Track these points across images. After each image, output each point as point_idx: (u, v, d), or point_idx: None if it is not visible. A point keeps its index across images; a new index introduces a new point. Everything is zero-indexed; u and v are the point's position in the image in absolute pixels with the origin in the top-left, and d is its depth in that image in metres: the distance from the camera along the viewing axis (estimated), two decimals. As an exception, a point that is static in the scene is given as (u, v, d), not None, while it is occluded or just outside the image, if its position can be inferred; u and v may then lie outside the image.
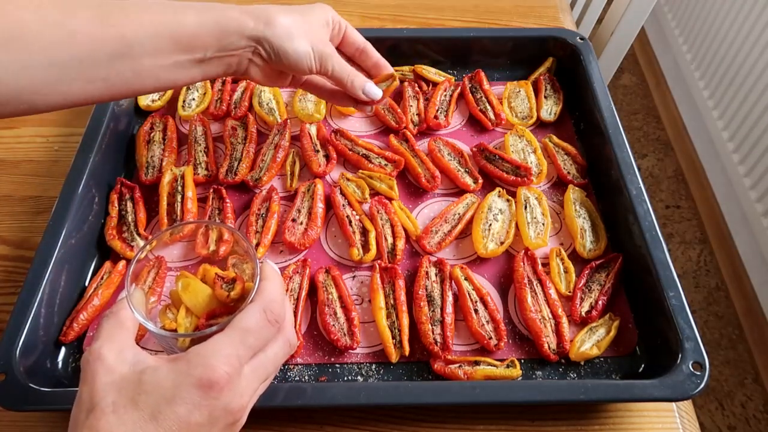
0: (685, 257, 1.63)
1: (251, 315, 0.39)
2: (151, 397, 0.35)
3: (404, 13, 0.93)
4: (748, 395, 1.38)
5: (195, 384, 0.35)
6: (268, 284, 0.42)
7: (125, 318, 0.40)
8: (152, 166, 0.68)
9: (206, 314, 0.45)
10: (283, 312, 0.41)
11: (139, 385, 0.35)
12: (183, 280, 0.46)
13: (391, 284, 0.59)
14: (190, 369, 0.36)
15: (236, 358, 0.37)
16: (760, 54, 1.39)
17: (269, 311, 0.40)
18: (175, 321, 0.45)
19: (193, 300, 0.45)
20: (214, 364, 0.36)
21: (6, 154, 0.73)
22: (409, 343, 0.55)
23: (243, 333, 0.38)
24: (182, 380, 0.35)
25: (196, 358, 0.36)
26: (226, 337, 0.38)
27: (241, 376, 0.37)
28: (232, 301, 0.45)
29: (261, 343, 0.39)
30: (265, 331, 0.40)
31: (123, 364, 0.37)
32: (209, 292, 0.46)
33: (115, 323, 0.40)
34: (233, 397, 0.36)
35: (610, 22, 1.22)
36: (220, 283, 0.46)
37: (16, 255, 0.64)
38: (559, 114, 0.76)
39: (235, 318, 0.39)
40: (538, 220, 0.64)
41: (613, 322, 0.57)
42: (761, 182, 1.40)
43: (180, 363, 0.36)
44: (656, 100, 2.00)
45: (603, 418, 0.52)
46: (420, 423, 0.52)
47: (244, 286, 0.45)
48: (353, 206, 0.65)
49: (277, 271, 0.44)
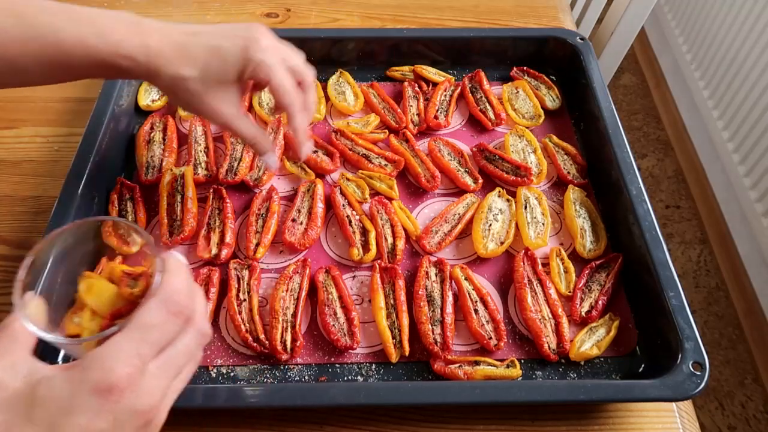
0: (685, 257, 1.63)
1: (151, 310, 0.37)
2: (46, 411, 0.33)
3: (404, 13, 0.93)
4: (748, 395, 1.38)
5: (92, 390, 0.33)
6: (170, 276, 0.39)
7: (18, 331, 0.37)
8: (152, 166, 0.68)
9: (111, 314, 0.42)
10: (189, 303, 0.39)
11: (33, 400, 0.33)
12: (86, 281, 0.43)
13: (391, 284, 0.59)
14: (86, 374, 0.33)
15: (137, 356, 0.35)
16: (760, 54, 1.39)
17: (172, 303, 0.37)
18: (80, 325, 0.42)
19: (97, 300, 0.42)
20: (112, 366, 0.33)
21: (6, 154, 0.73)
22: (409, 343, 0.55)
23: (143, 329, 0.36)
24: (78, 388, 0.33)
25: (92, 363, 0.34)
26: (124, 336, 0.35)
27: (146, 375, 0.35)
28: (137, 297, 0.42)
29: (166, 337, 0.37)
30: (169, 324, 0.37)
31: (15, 379, 0.34)
32: (114, 291, 0.43)
33: (8, 337, 0.37)
34: (138, 397, 0.34)
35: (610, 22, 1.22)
36: (127, 280, 0.42)
37: (16, 255, 0.64)
38: (560, 98, 0.77)
39: (135, 315, 0.37)
40: (538, 220, 0.64)
41: (613, 322, 0.57)
42: (761, 182, 1.40)
43: (75, 370, 0.34)
44: (656, 100, 2.00)
45: (603, 418, 0.52)
46: (420, 423, 0.52)
47: (149, 281, 0.42)
48: (353, 206, 0.65)
49: (183, 262, 0.41)
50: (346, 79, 0.78)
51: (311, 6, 0.94)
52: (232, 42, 0.50)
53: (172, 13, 0.92)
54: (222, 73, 0.50)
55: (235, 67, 0.50)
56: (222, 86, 0.51)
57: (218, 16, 0.92)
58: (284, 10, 0.93)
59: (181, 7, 0.93)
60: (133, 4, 0.94)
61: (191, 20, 0.91)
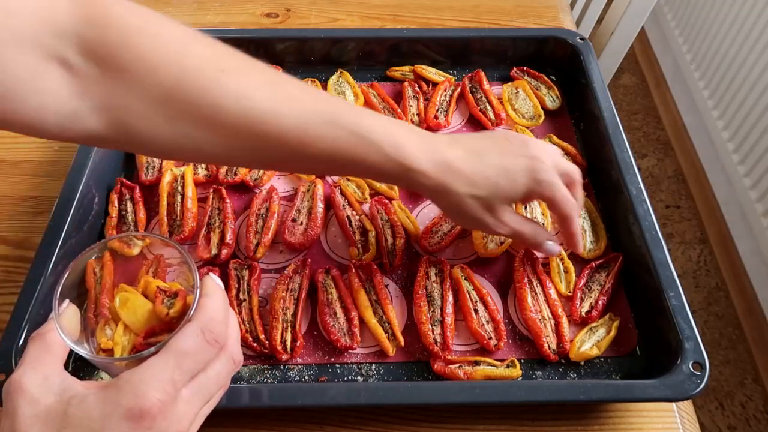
0: (685, 257, 1.63)
1: (188, 336, 0.37)
2: (77, 430, 0.33)
3: (404, 13, 0.93)
4: (748, 395, 1.38)
5: (124, 415, 0.33)
6: (208, 301, 0.39)
7: (52, 342, 0.37)
8: (152, 166, 0.68)
9: (145, 332, 0.41)
10: (224, 331, 0.39)
11: (65, 418, 0.33)
12: (121, 294, 0.42)
13: (369, 281, 0.59)
14: (120, 398, 0.33)
15: (171, 383, 0.35)
16: (760, 54, 1.39)
17: (208, 331, 0.37)
18: (112, 339, 0.42)
19: (132, 317, 0.42)
20: (146, 391, 0.33)
21: (6, 154, 0.73)
22: (402, 334, 0.56)
23: (179, 356, 0.36)
24: (111, 410, 0.33)
25: (126, 386, 0.34)
26: (161, 360, 0.35)
27: (178, 401, 0.35)
28: (172, 318, 0.41)
29: (200, 366, 0.37)
30: (204, 352, 0.37)
31: (47, 394, 0.34)
32: (149, 308, 0.42)
33: (42, 347, 0.37)
34: (169, 424, 0.34)
35: (610, 22, 1.22)
36: (162, 298, 0.42)
37: (16, 255, 0.64)
38: (560, 98, 0.77)
39: (172, 339, 0.36)
40: (538, 220, 0.64)
41: (613, 322, 0.57)
42: (761, 182, 1.40)
43: (109, 391, 0.34)
44: (656, 100, 2.00)
45: (603, 418, 0.52)
46: (420, 423, 0.52)
47: (186, 301, 0.42)
48: (353, 206, 0.65)
49: (220, 285, 0.41)
50: (346, 79, 0.78)
51: (311, 6, 0.94)
52: (517, 162, 0.51)
53: (172, 13, 0.92)
54: (511, 192, 0.52)
55: (524, 188, 0.52)
56: (508, 202, 0.53)
57: (218, 16, 0.92)
58: (284, 10, 0.93)
59: (181, 7, 0.93)
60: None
61: (191, 20, 0.91)
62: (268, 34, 0.82)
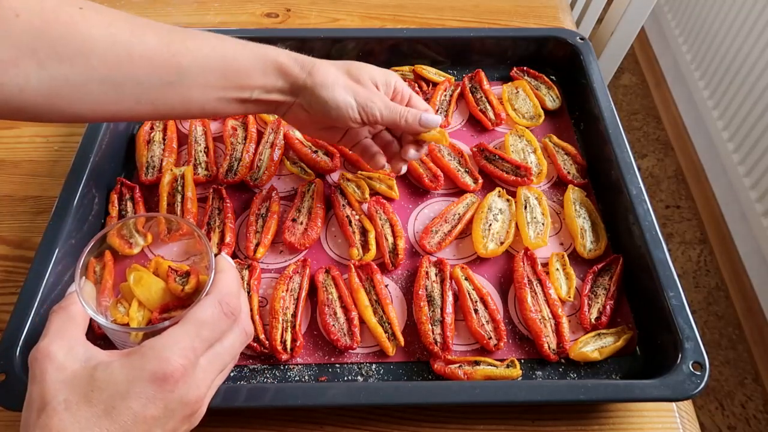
0: (685, 257, 1.63)
1: (207, 307, 0.39)
2: (104, 393, 0.34)
3: (404, 13, 0.93)
4: (748, 395, 1.38)
5: (149, 378, 0.35)
6: (223, 276, 0.42)
7: (75, 313, 0.40)
8: (152, 166, 0.68)
9: (159, 308, 0.45)
10: (238, 304, 0.41)
11: (92, 382, 0.35)
12: (135, 273, 0.45)
13: (369, 280, 0.59)
14: (144, 363, 0.35)
15: (191, 350, 0.37)
16: (760, 54, 1.39)
17: (225, 303, 0.40)
18: (127, 315, 0.44)
19: (146, 293, 0.45)
20: (169, 356, 0.36)
21: (6, 154, 0.73)
22: (402, 334, 0.56)
23: (199, 325, 0.38)
24: (136, 374, 0.35)
25: (150, 352, 0.36)
26: (182, 329, 0.38)
27: (197, 368, 0.37)
28: (186, 294, 0.45)
29: (217, 335, 0.40)
30: (221, 323, 0.40)
31: (74, 361, 0.36)
32: (162, 286, 0.45)
33: (65, 318, 0.39)
34: (189, 389, 0.36)
35: (610, 22, 1.22)
36: (174, 276, 0.45)
37: (16, 255, 0.64)
38: (560, 98, 0.77)
39: (191, 310, 0.39)
40: (538, 220, 0.64)
41: (625, 333, 0.56)
42: (761, 182, 1.40)
43: (134, 357, 0.36)
44: (656, 100, 2.00)
45: (603, 418, 0.52)
46: (420, 423, 0.52)
47: (199, 279, 0.45)
48: (353, 206, 0.65)
49: (233, 264, 0.44)
50: (346, 79, 0.78)
51: (311, 6, 0.94)
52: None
53: (172, 13, 0.92)
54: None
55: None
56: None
57: (218, 16, 0.92)
58: (284, 10, 0.93)
59: (181, 7, 0.93)
60: (133, 4, 0.94)
61: (191, 20, 0.91)
62: (268, 34, 0.82)
